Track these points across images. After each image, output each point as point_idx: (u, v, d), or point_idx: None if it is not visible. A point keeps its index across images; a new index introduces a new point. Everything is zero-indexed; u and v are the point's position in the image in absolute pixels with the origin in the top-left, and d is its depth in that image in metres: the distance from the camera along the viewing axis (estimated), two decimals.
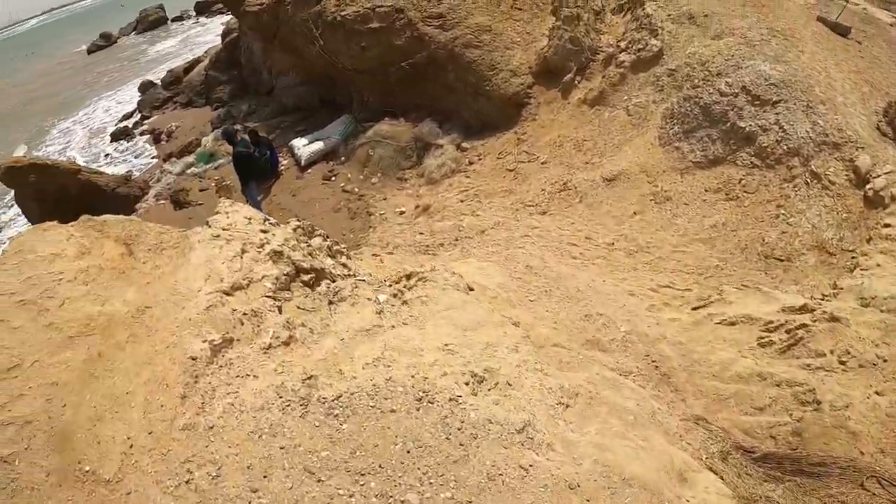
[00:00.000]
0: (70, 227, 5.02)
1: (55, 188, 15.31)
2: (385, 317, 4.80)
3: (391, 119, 14.34)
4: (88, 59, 57.61)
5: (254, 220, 5.78)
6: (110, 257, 4.76)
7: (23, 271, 4.29)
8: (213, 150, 16.73)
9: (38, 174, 15.16)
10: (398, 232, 11.42)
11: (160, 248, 5.16)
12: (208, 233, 5.30)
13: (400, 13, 14.01)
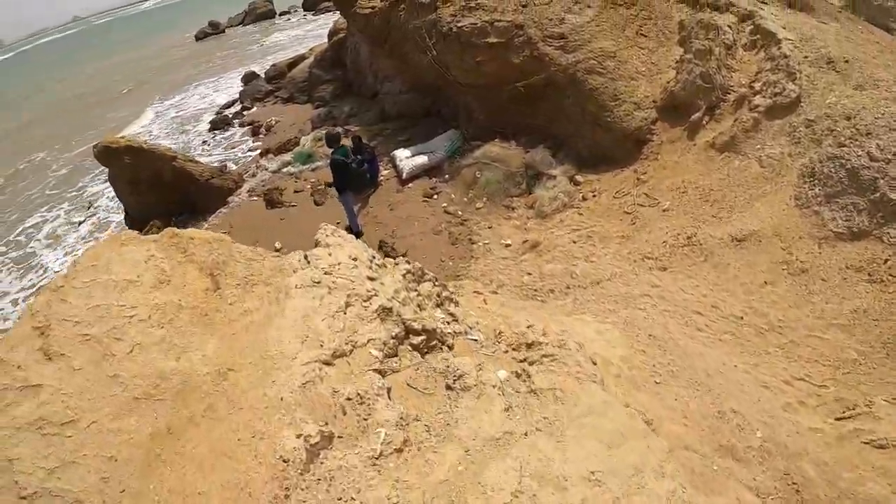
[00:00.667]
0: (152, 244, 4.44)
1: (149, 172, 15.22)
2: (514, 415, 3.92)
3: (501, 140, 13.58)
4: (196, 46, 59.54)
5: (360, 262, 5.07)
6: (192, 291, 4.14)
7: (93, 296, 3.71)
8: (311, 150, 16.36)
9: (133, 157, 15.08)
10: (503, 267, 10.61)
11: (250, 283, 4.52)
12: (308, 276, 4.59)
13: (519, 30, 13.25)
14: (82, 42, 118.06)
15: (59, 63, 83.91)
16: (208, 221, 14.85)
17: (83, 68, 63.72)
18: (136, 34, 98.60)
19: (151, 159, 15.19)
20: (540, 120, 13.71)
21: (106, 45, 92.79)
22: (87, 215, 19.53)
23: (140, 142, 15.57)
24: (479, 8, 13.60)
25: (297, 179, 15.44)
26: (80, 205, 21.11)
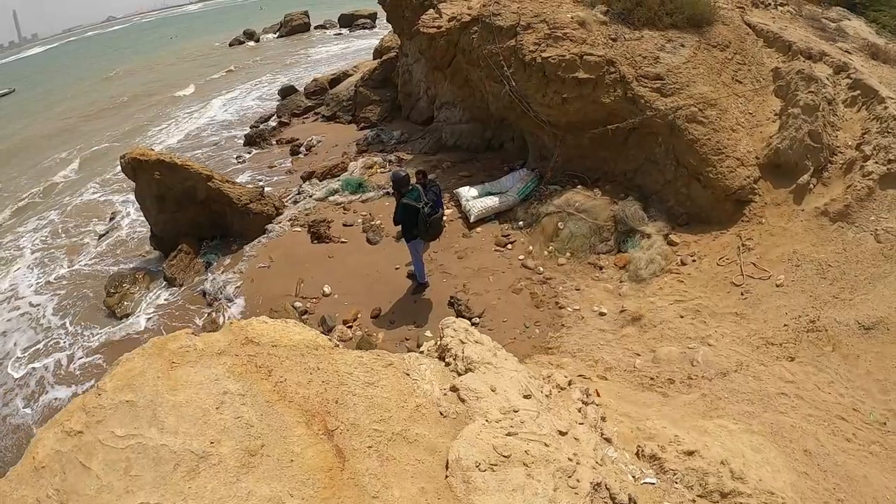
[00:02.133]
0: (219, 366, 2.82)
1: (181, 189, 13.71)
2: None
3: (583, 188, 12.04)
4: (228, 54, 58.96)
5: (533, 398, 3.42)
6: (309, 467, 2.49)
7: (124, 475, 2.10)
8: (361, 179, 14.78)
9: (165, 172, 13.58)
10: (602, 342, 9.09)
11: (390, 442, 2.86)
12: (485, 441, 2.92)
13: (611, 66, 11.71)
14: (112, 42, 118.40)
15: (86, 61, 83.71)
16: (245, 251, 13.26)
17: (108, 69, 62.96)
18: (167, 37, 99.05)
19: (184, 176, 13.66)
20: (624, 167, 12.28)
21: (136, 46, 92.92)
22: (109, 227, 17.96)
23: (172, 156, 14.00)
24: (566, 38, 12.13)
25: (346, 211, 13.85)
26: (102, 213, 19.61)
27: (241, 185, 14.65)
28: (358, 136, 19.58)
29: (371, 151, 17.63)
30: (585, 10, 12.72)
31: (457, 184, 13.76)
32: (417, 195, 9.83)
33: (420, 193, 9.86)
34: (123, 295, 13.10)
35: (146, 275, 13.76)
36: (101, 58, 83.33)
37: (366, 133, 19.54)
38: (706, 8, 12.47)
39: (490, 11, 13.39)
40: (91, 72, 64.72)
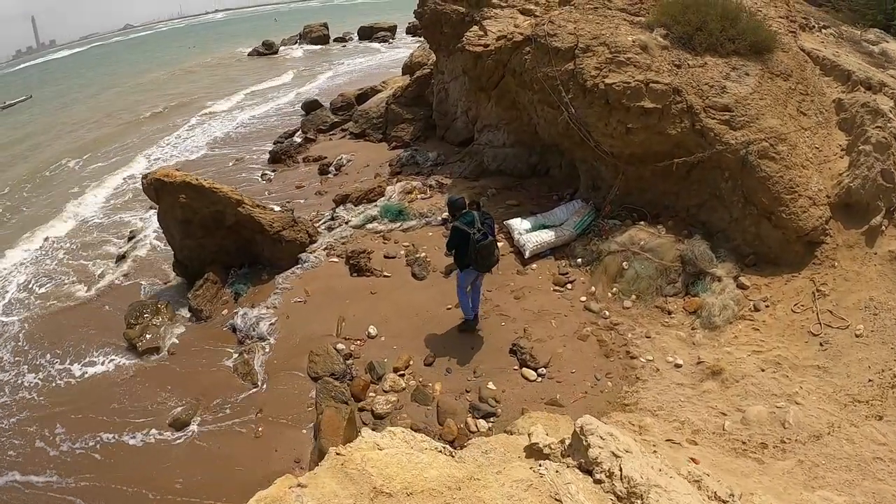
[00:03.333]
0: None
1: (208, 214, 12.77)
2: None
3: (645, 224, 11.18)
4: (248, 64, 58.66)
5: None
6: None
7: None
8: (402, 206, 13.84)
9: (192, 195, 12.62)
10: (682, 398, 8.26)
11: None
12: None
13: (678, 95, 10.82)
14: (127, 49, 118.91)
15: (104, 69, 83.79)
16: (277, 282, 12.34)
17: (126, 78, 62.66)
18: (183, 46, 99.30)
19: (212, 200, 12.72)
20: (687, 202, 11.42)
21: (155, 55, 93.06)
22: (127, 248, 16.99)
23: (200, 178, 13.07)
24: (630, 64, 11.28)
25: (386, 241, 12.92)
26: (120, 232, 18.69)
27: (272, 210, 13.71)
28: (390, 156, 18.72)
29: (406, 173, 16.80)
30: (645, 34, 11.94)
31: (505, 213, 12.87)
32: (471, 220, 9.15)
33: (475, 219, 9.17)
34: (145, 327, 12.07)
35: (169, 304, 12.71)
36: (119, 66, 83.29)
37: (399, 153, 18.69)
38: (768, 34, 11.81)
39: (545, 31, 12.53)
40: (108, 80, 64.34)
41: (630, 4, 13.33)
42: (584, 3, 13.48)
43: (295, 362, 10.11)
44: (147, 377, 10.89)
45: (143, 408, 10.05)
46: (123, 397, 10.44)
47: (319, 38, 67.96)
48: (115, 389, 10.70)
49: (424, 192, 14.72)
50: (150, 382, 10.69)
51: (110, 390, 10.71)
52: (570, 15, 12.94)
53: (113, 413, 10.09)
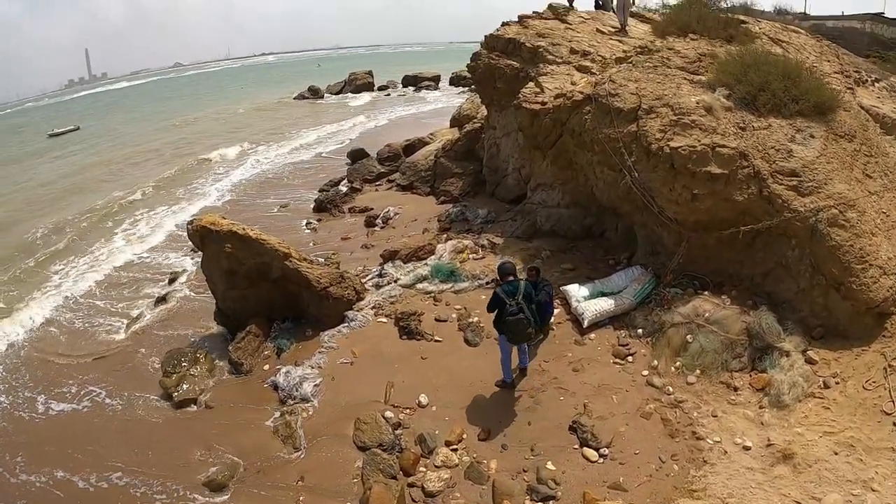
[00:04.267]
0: None
1: (253, 265, 12.66)
2: None
3: (709, 294, 10.75)
4: (293, 107, 60.06)
5: None
6: None
7: None
8: (454, 266, 13.57)
9: (238, 245, 12.54)
10: (753, 485, 7.79)
11: None
12: None
13: (744, 159, 10.51)
14: (176, 87, 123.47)
15: (154, 104, 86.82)
16: (322, 340, 12.10)
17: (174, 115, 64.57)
18: (230, 87, 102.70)
19: (258, 251, 12.62)
20: (751, 270, 10.97)
21: (203, 94, 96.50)
22: (168, 291, 16.99)
23: (246, 228, 12.98)
24: (695, 126, 11.04)
25: (437, 302, 12.64)
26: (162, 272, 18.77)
27: (319, 264, 13.58)
28: (438, 211, 18.64)
29: (455, 230, 16.63)
30: (708, 94, 11.72)
31: (560, 278, 12.54)
32: (513, 290, 8.99)
33: (518, 290, 9.01)
34: (182, 376, 11.87)
35: (208, 355, 12.55)
36: (168, 103, 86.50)
37: (447, 208, 18.60)
38: (830, 94, 11.54)
39: (606, 91, 12.38)
40: (156, 116, 66.86)
41: (688, 63, 13.18)
42: (642, 62, 13.36)
43: (340, 428, 9.77)
44: (181, 430, 10.68)
45: (175, 464, 9.80)
46: (154, 449, 10.22)
47: (364, 86, 69.55)
48: (147, 439, 10.52)
49: (476, 252, 14.45)
50: (184, 436, 10.46)
51: (140, 439, 10.54)
52: (631, 74, 12.81)
53: (141, 464, 9.88)
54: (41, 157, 46.38)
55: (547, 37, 17.53)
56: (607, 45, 17.17)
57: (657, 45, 14.74)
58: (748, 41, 14.83)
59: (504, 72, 17.70)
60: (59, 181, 35.57)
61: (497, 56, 18.20)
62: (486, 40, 19.19)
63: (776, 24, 18.34)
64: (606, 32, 18.40)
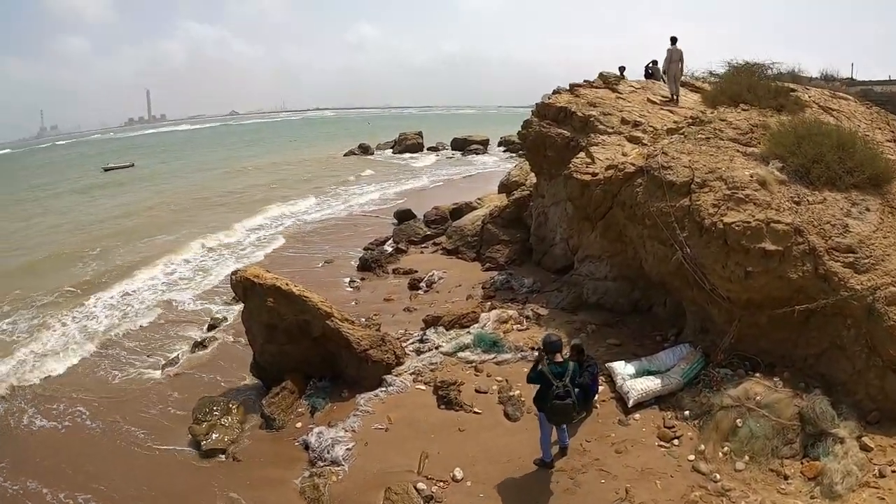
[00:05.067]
0: None
1: (294, 321, 12.76)
2: None
3: (760, 375, 10.40)
4: (343, 163, 61.82)
5: None
6: None
7: None
8: (497, 336, 13.45)
9: (280, 300, 12.70)
10: None
11: None
12: None
13: (799, 235, 10.33)
14: (231, 135, 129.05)
15: (207, 150, 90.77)
16: (358, 402, 12.02)
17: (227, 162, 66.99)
18: (283, 139, 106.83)
19: (301, 308, 12.74)
20: (804, 351, 10.64)
21: (258, 144, 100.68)
22: (206, 337, 17.19)
23: (290, 284, 13.13)
24: (749, 201, 10.93)
25: (479, 373, 12.47)
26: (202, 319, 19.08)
27: (361, 325, 13.60)
28: (483, 278, 18.64)
29: (499, 298, 16.57)
30: (761, 167, 11.68)
31: (606, 354, 12.35)
32: (561, 372, 8.77)
33: (566, 370, 8.82)
34: (213, 425, 11.86)
35: (240, 406, 12.57)
36: (221, 149, 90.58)
37: (493, 275, 18.59)
38: (885, 165, 11.43)
39: (659, 164, 12.38)
40: (209, 161, 70.34)
41: (741, 134, 13.19)
42: (694, 133, 13.35)
43: (369, 496, 9.56)
44: (205, 478, 10.66)
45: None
46: (176, 495, 10.26)
47: (414, 146, 70.98)
48: (169, 484, 10.58)
49: (521, 323, 14.33)
50: (207, 485, 10.43)
51: (163, 484, 10.59)
52: (683, 146, 12.84)
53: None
54: (96, 192, 49.51)
55: (598, 106, 17.74)
56: (658, 115, 17.30)
57: (709, 115, 14.81)
58: (799, 110, 14.89)
59: (555, 140, 17.88)
60: (111, 219, 37.42)
61: (548, 124, 18.44)
62: (538, 108, 19.48)
63: (825, 91, 18.33)
64: (657, 102, 18.60)
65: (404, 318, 16.63)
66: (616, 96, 18.77)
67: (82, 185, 56.76)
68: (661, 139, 14.34)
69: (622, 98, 18.67)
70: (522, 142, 20.30)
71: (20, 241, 32.60)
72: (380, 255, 22.91)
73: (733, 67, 18.18)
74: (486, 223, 21.71)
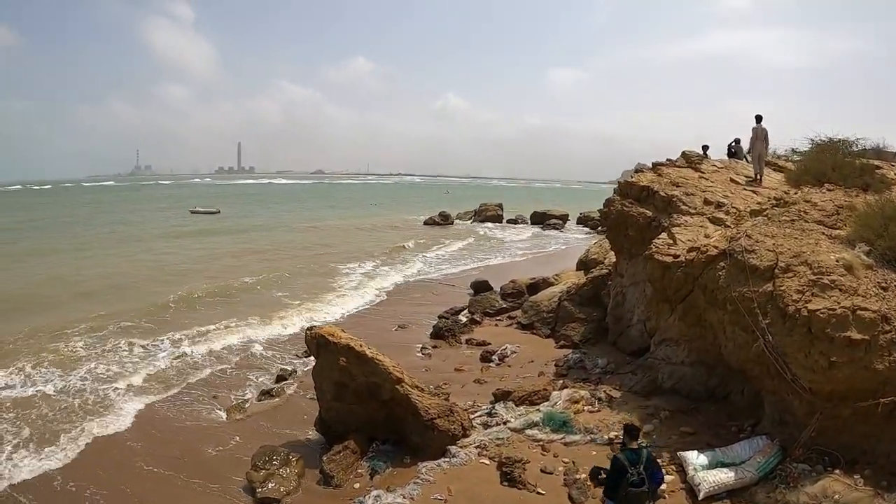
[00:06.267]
0: None
1: (364, 383, 13.12)
2: None
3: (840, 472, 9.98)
4: (422, 230, 63.92)
5: None
6: None
7: None
8: (567, 416, 13.32)
9: (352, 360, 13.11)
10: None
11: None
12: None
13: (886, 323, 9.99)
14: (315, 192, 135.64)
15: (292, 205, 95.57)
16: (419, 470, 12.05)
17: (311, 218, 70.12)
18: (365, 201, 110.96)
19: (372, 371, 13.10)
20: (888, 447, 10.13)
21: (341, 204, 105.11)
22: (275, 388, 17.63)
23: (364, 345, 13.49)
24: (835, 287, 10.66)
25: (546, 452, 12.34)
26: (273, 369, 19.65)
27: (430, 393, 13.79)
28: (556, 356, 18.63)
29: (572, 377, 16.51)
30: (847, 251, 11.45)
31: (678, 442, 12.06)
32: (637, 459, 8.61)
33: (641, 457, 8.65)
34: (270, 474, 12.12)
35: (301, 459, 12.78)
36: (304, 207, 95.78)
37: (566, 353, 18.56)
38: None
39: (742, 247, 12.24)
40: (290, 216, 74.62)
41: (826, 216, 13.02)
42: (778, 215, 13.20)
43: None
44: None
45: None
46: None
47: (493, 217, 72.18)
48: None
49: (592, 405, 14.14)
50: None
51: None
52: (767, 228, 12.72)
53: None
54: (183, 234, 53.22)
55: (681, 186, 17.80)
56: (741, 195, 17.23)
57: (793, 196, 14.63)
58: (885, 189, 14.58)
59: (636, 220, 17.96)
60: (193, 260, 40.45)
61: (630, 203, 18.57)
62: (620, 187, 19.67)
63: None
64: (741, 182, 18.52)
65: (474, 390, 16.70)
66: (699, 176, 18.82)
67: (172, 224, 61.36)
68: (744, 221, 14.24)
69: (705, 178, 18.70)
70: (604, 220, 20.45)
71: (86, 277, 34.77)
72: (454, 325, 23.19)
73: (816, 145, 17.95)
74: (562, 300, 21.79)
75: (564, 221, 70.69)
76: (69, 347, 20.94)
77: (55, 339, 21.84)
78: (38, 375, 18.37)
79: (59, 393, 17.16)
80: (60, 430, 14.74)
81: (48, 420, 15.39)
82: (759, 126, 18.56)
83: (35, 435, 14.45)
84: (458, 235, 57.59)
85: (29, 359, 19.59)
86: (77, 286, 31.67)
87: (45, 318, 24.74)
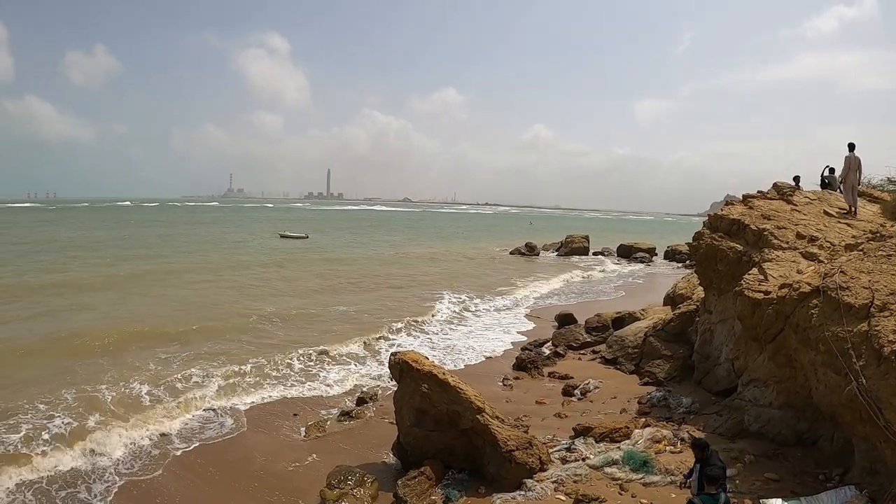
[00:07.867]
0: None
1: (445, 410, 13.44)
2: None
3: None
4: (508, 260, 64.78)
5: None
6: None
7: None
8: (648, 456, 13.19)
9: (434, 388, 13.54)
10: None
11: None
12: None
13: None
14: (402, 220, 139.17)
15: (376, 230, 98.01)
16: (493, 502, 12.23)
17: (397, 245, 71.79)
18: (452, 229, 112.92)
19: (453, 399, 13.44)
20: None
21: (428, 231, 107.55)
22: (355, 410, 18.17)
23: (447, 374, 13.87)
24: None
25: (623, 492, 12.23)
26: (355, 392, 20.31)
27: (509, 424, 13.96)
28: (640, 393, 18.49)
29: (654, 416, 16.36)
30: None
31: (762, 489, 11.75)
32: (721, 475, 8.52)
33: (718, 501, 8.34)
34: (344, 493, 12.55)
35: (375, 481, 13.19)
36: (392, 233, 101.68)
37: (650, 391, 18.41)
38: None
39: (836, 283, 11.98)
40: (379, 244, 79.32)
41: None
42: (874, 249, 12.83)
43: None
44: None
45: None
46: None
47: (579, 249, 71.88)
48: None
49: (674, 445, 13.90)
50: None
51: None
52: (863, 264, 12.39)
53: None
54: (273, 261, 54.96)
55: (772, 219, 17.49)
56: (835, 229, 16.81)
57: (889, 229, 14.16)
58: None
59: (726, 254, 17.72)
60: (283, 285, 42.05)
61: (720, 237, 18.34)
62: (710, 220, 19.44)
63: None
64: (834, 214, 18.05)
65: (554, 424, 16.75)
66: (791, 208, 18.44)
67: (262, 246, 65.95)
68: (838, 256, 13.89)
69: (797, 210, 18.31)
70: (693, 254, 20.21)
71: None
72: (537, 357, 23.34)
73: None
74: (648, 335, 21.64)
75: (652, 255, 69.70)
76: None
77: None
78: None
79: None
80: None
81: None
82: (851, 155, 18.15)
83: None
84: (546, 267, 57.82)
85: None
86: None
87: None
